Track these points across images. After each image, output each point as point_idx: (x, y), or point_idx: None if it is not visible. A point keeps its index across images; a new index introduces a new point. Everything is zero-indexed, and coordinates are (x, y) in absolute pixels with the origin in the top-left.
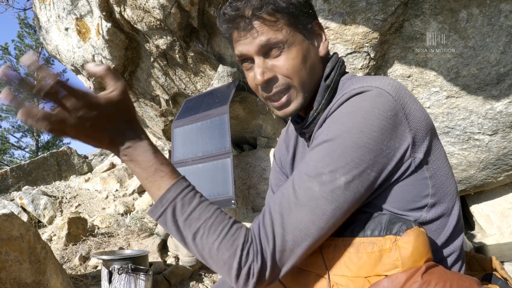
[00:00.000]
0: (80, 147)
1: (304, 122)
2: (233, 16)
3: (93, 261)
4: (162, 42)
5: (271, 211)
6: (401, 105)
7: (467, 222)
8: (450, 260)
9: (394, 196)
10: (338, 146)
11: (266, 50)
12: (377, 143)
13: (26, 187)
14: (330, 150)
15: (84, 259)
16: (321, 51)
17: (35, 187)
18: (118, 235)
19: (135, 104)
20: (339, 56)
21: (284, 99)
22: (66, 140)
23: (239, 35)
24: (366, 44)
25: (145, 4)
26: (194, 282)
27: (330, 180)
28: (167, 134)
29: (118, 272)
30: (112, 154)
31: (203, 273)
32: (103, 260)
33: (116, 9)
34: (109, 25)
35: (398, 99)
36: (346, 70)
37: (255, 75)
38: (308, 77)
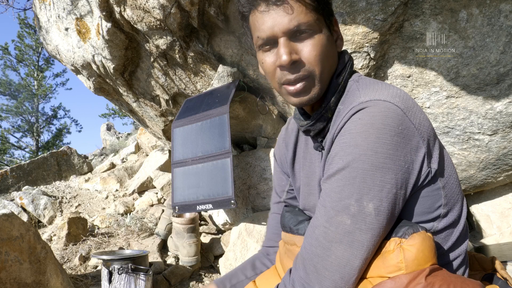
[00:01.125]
0: (80, 147)
1: (311, 119)
2: None
3: (93, 261)
4: (162, 42)
5: (305, 260)
6: (411, 117)
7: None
8: (455, 264)
9: (408, 208)
10: (357, 171)
11: (294, 33)
12: (395, 160)
13: (26, 187)
14: (350, 178)
15: (84, 259)
16: (339, 45)
17: (35, 187)
18: (118, 235)
19: (135, 104)
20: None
21: (300, 85)
22: (66, 140)
23: (268, 7)
24: (366, 44)
25: (145, 4)
26: (194, 282)
27: (359, 210)
28: (167, 134)
29: (118, 272)
30: (113, 154)
31: (203, 273)
32: (103, 260)
33: (116, 9)
34: (109, 25)
35: (407, 111)
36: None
37: (280, 55)
38: (328, 68)
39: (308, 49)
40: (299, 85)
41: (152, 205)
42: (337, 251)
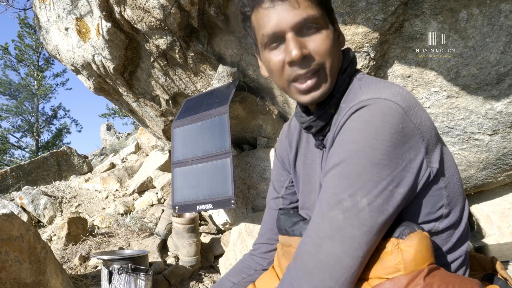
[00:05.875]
0: (80, 147)
1: (314, 115)
2: None
3: (93, 261)
4: (162, 42)
5: (297, 258)
6: (412, 116)
7: None
8: (455, 265)
9: (412, 209)
10: (354, 166)
11: (301, 28)
12: (392, 158)
13: (26, 187)
14: (345, 173)
15: (84, 259)
16: (342, 42)
17: (35, 187)
18: (118, 235)
19: (135, 104)
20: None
21: (311, 82)
22: (66, 140)
23: (273, 3)
24: (366, 44)
25: (145, 4)
26: (194, 282)
27: (352, 205)
28: (167, 134)
29: (118, 272)
30: (112, 154)
31: (203, 273)
32: (103, 260)
33: (116, 9)
34: (109, 25)
35: (408, 110)
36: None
37: (289, 50)
38: (336, 63)
39: (317, 43)
40: (310, 82)
41: (152, 205)
42: (327, 247)
